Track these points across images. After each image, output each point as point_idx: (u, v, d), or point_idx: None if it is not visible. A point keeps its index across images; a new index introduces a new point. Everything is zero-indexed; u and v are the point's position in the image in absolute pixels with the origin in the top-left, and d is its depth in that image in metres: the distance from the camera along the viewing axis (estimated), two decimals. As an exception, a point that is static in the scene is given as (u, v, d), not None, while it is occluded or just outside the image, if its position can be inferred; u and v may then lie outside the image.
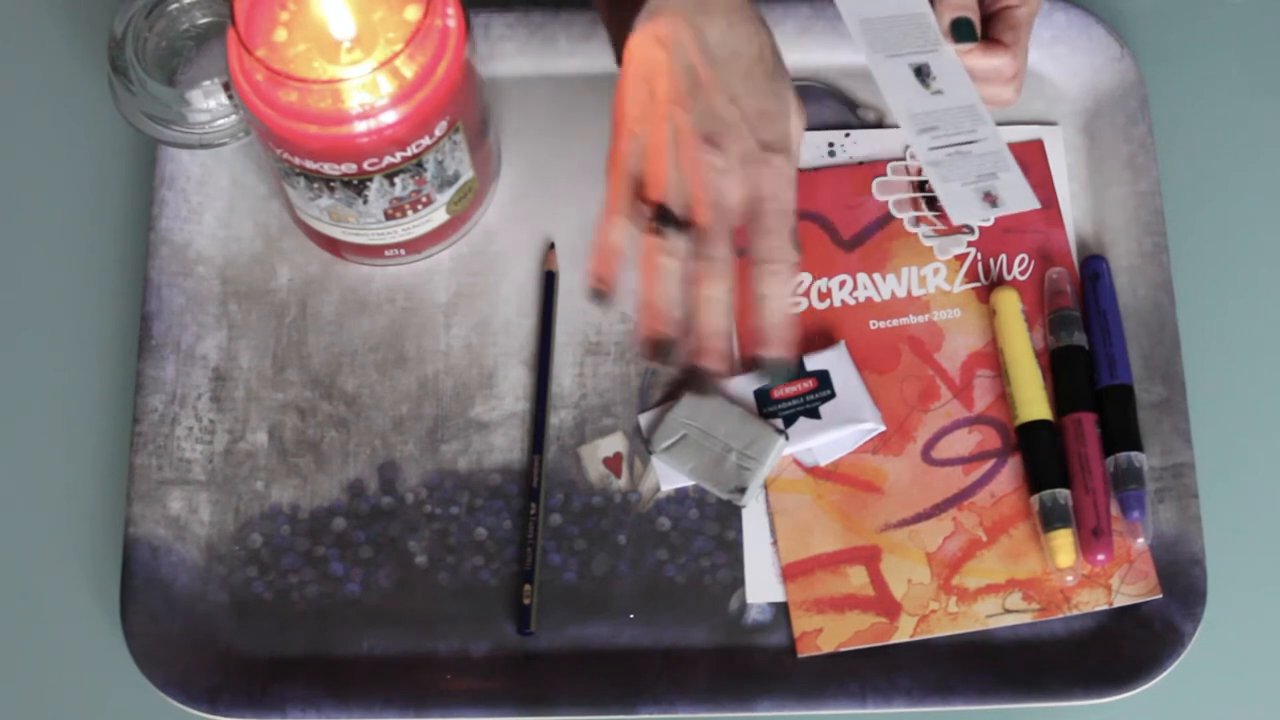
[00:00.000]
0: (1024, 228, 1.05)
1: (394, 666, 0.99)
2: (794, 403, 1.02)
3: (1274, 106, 1.09)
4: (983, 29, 0.98)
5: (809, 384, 1.02)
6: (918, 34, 0.97)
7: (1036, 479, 1.00)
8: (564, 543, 1.01)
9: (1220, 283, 1.06)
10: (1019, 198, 0.96)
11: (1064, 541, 0.98)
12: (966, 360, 1.03)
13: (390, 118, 0.95)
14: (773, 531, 1.01)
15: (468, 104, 0.99)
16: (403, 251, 1.04)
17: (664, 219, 0.90)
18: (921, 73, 0.96)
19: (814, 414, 1.01)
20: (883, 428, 1.02)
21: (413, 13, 0.96)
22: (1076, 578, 0.98)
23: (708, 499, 1.01)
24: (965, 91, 0.97)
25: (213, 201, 1.07)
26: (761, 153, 0.90)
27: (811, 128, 1.07)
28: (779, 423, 1.01)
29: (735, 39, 0.91)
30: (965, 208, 0.95)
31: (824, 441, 1.01)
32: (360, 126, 0.95)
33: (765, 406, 1.02)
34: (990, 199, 0.95)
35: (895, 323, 1.04)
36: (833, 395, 1.02)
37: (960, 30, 0.97)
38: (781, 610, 0.99)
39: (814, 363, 1.02)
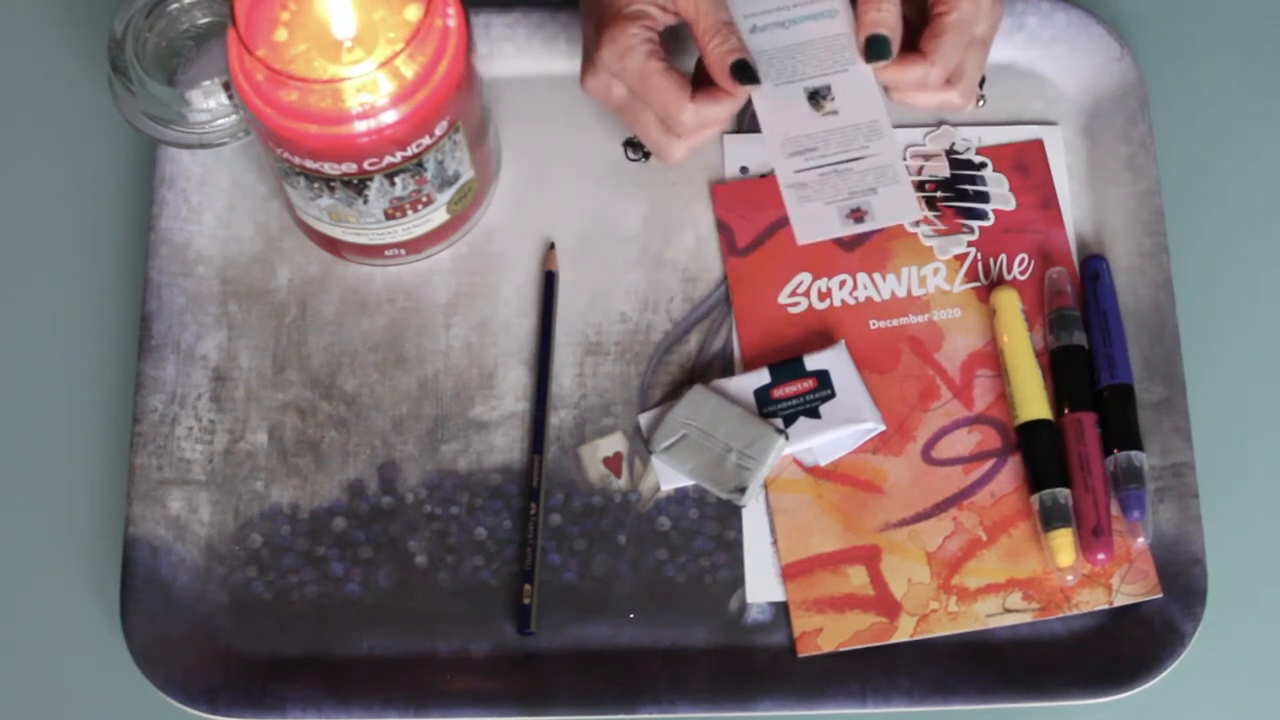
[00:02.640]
0: (1024, 227, 1.06)
1: (394, 666, 0.99)
2: (794, 402, 1.02)
3: (1274, 106, 1.09)
4: (915, 39, 0.99)
5: (809, 384, 1.02)
6: (828, 57, 0.98)
7: (1036, 478, 1.00)
8: (564, 543, 1.01)
9: (1220, 282, 1.06)
10: (895, 212, 0.98)
11: (1064, 541, 0.98)
12: (966, 360, 1.03)
13: (390, 117, 0.95)
14: (773, 531, 1.01)
15: (468, 104, 0.99)
16: (403, 251, 1.04)
17: None
18: (817, 95, 0.98)
19: (814, 414, 1.01)
20: (883, 427, 1.02)
21: (413, 12, 0.96)
22: (1076, 577, 0.98)
23: (708, 499, 1.01)
24: (869, 108, 0.98)
25: (213, 201, 1.07)
26: (597, 46, 0.98)
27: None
28: (779, 422, 1.01)
29: None
30: (818, 226, 0.97)
31: (824, 441, 1.01)
32: (360, 126, 0.95)
33: (765, 406, 1.02)
34: (856, 215, 0.97)
35: (895, 322, 1.04)
36: (833, 395, 1.02)
37: (873, 48, 0.98)
38: (781, 610, 1.00)
39: (814, 362, 1.02)
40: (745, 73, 0.97)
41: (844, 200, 0.97)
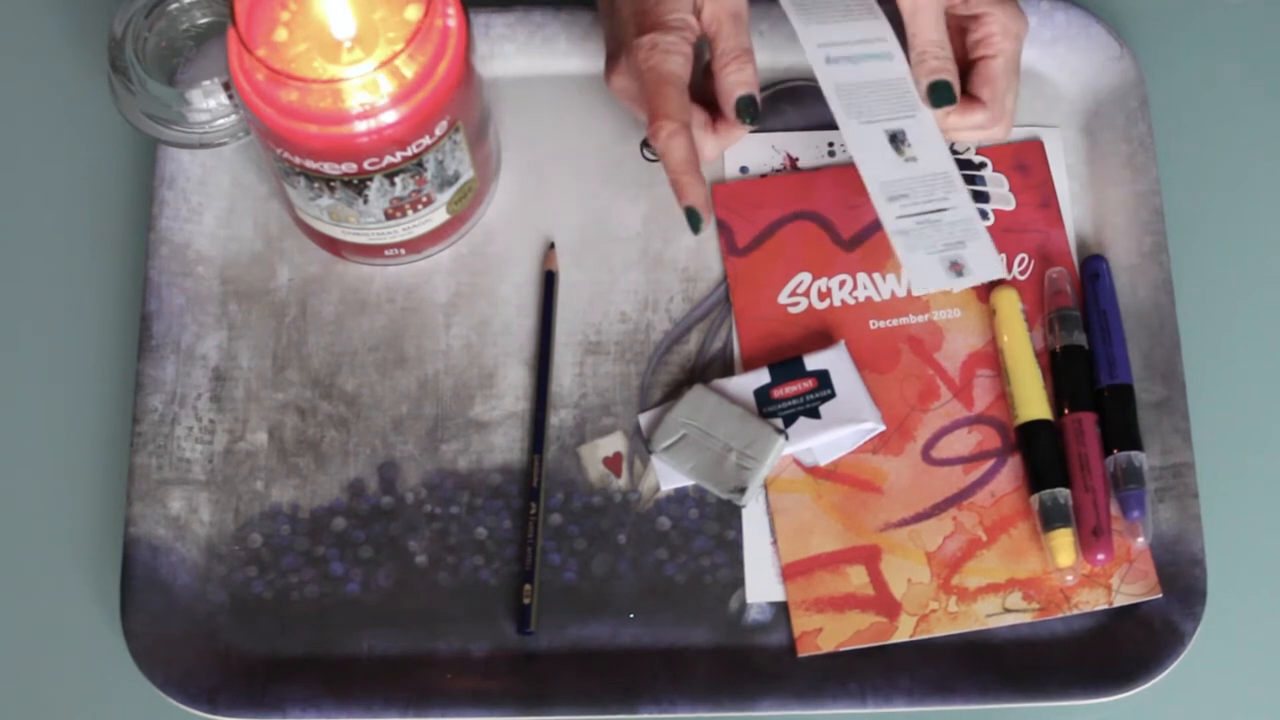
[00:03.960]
0: (1024, 227, 1.06)
1: (394, 666, 0.99)
2: (794, 402, 1.02)
3: (1274, 106, 1.09)
4: (964, 80, 0.99)
5: (809, 384, 1.02)
6: (895, 99, 0.98)
7: (1036, 478, 1.00)
8: (564, 542, 1.01)
9: (1220, 282, 1.06)
10: (987, 267, 0.98)
11: (1064, 541, 0.98)
12: (966, 360, 1.03)
13: (390, 117, 0.95)
14: (773, 531, 1.01)
15: (468, 104, 0.99)
16: (403, 251, 1.04)
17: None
18: (896, 139, 0.98)
19: (814, 414, 1.01)
20: (882, 427, 1.02)
21: (413, 12, 0.96)
22: (1076, 577, 0.98)
23: (708, 499, 1.01)
24: (939, 157, 0.98)
25: (213, 201, 1.07)
26: (635, 38, 0.97)
27: (811, 128, 1.07)
28: (779, 422, 1.01)
29: None
30: (930, 276, 0.97)
31: (824, 441, 1.01)
32: (360, 126, 0.95)
33: (765, 406, 1.02)
34: (956, 268, 0.97)
35: (895, 322, 1.04)
36: (832, 395, 1.02)
37: (937, 94, 0.98)
38: (781, 610, 1.00)
39: (814, 362, 1.02)
40: (749, 110, 0.97)
41: (942, 252, 0.97)
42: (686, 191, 0.97)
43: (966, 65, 1.01)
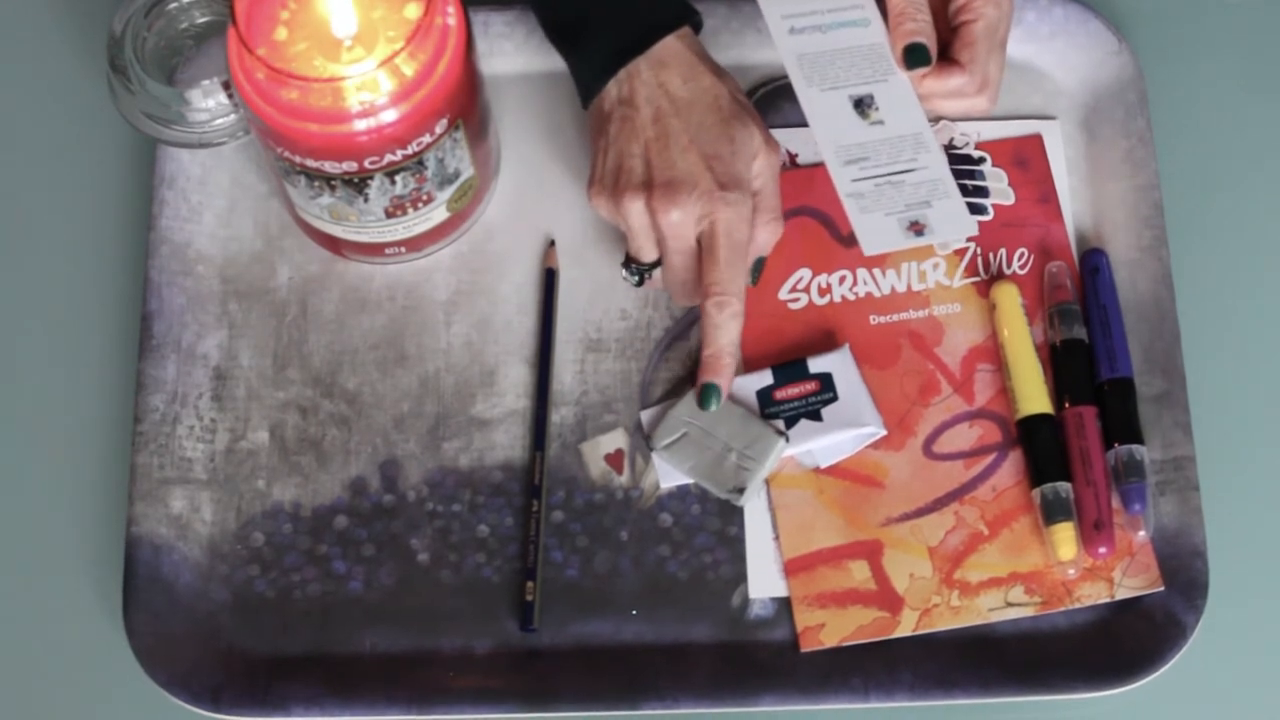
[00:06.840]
0: (1024, 222, 1.06)
1: (396, 664, 0.99)
2: (796, 404, 1.02)
3: (1272, 101, 1.09)
4: (945, 47, 0.99)
5: (812, 386, 1.02)
6: (866, 65, 0.98)
7: (1038, 472, 1.00)
8: (566, 539, 1.01)
9: (1219, 276, 1.06)
10: (953, 226, 0.98)
11: (1065, 535, 0.98)
12: (967, 355, 1.04)
13: (391, 116, 0.95)
14: (775, 527, 1.01)
15: (468, 102, 0.99)
16: (403, 249, 1.05)
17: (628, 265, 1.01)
18: (862, 104, 0.98)
19: (815, 416, 1.01)
20: (883, 432, 1.01)
21: (413, 11, 0.96)
22: (1078, 571, 0.99)
23: (709, 495, 1.01)
24: (912, 120, 0.98)
25: (213, 201, 1.07)
26: (718, 190, 0.96)
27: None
28: (780, 424, 1.01)
29: (690, 91, 0.98)
30: (882, 237, 0.98)
31: (824, 444, 1.01)
32: (361, 125, 0.95)
33: (767, 407, 1.02)
34: (916, 228, 0.97)
35: (895, 318, 1.04)
36: (835, 398, 1.02)
37: (912, 56, 0.98)
38: (784, 605, 1.00)
39: (817, 365, 1.02)
40: (757, 270, 1.01)
41: (902, 213, 0.97)
42: (723, 372, 0.99)
43: (950, 33, 1.00)
